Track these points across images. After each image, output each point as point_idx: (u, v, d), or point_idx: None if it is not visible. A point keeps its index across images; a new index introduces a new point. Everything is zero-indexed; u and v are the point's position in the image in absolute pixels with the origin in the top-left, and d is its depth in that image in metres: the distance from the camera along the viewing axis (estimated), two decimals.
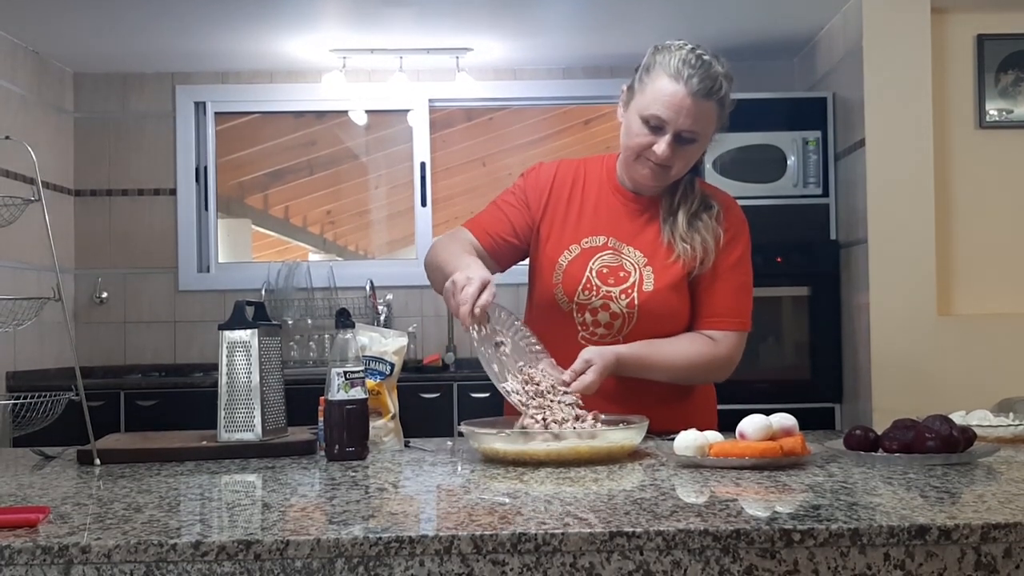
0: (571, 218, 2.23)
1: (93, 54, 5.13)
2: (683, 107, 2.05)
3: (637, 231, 2.20)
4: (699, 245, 2.16)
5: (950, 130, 4.34)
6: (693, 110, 2.06)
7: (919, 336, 4.20)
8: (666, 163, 2.10)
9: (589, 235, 2.21)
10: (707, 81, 2.05)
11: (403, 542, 1.22)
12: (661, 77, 2.07)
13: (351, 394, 1.91)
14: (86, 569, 1.21)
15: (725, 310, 2.19)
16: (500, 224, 2.26)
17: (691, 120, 2.06)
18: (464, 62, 5.23)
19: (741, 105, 4.97)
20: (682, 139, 2.09)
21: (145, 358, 5.39)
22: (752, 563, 1.23)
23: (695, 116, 2.06)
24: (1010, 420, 2.01)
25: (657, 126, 2.08)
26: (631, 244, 2.19)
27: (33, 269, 4.77)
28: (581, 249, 2.20)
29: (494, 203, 2.31)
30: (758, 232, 2.35)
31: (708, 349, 2.17)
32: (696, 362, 2.17)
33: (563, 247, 2.21)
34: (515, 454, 1.78)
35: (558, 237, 2.22)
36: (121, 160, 5.45)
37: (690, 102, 2.05)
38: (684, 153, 2.11)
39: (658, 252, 2.18)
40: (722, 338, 2.18)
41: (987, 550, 1.24)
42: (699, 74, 2.05)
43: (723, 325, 2.18)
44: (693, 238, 2.16)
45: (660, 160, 2.09)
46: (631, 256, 2.18)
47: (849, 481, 1.55)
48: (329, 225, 6.71)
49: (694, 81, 2.05)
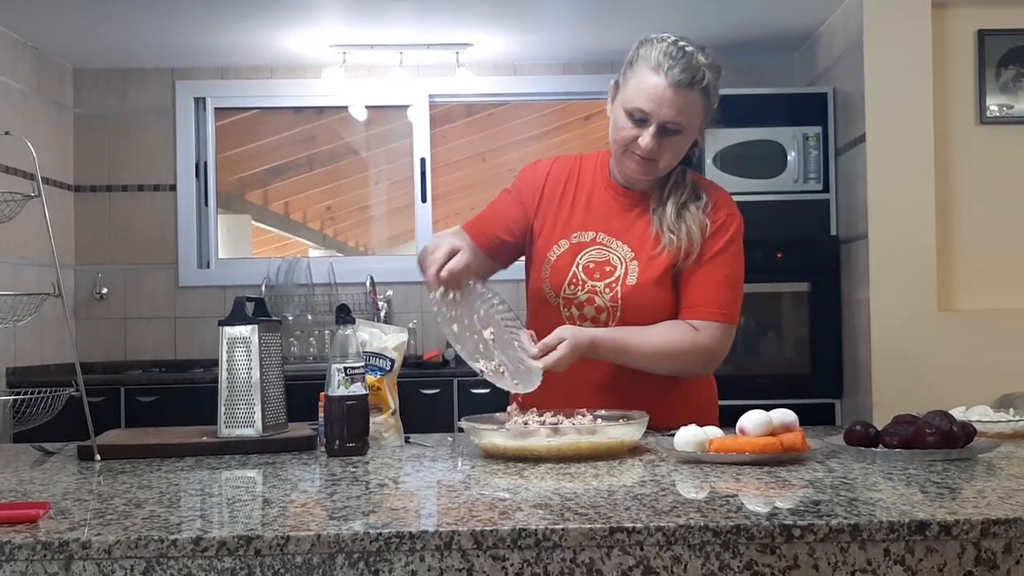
0: (563, 213, 2.25)
1: (93, 49, 5.13)
2: (664, 98, 2.06)
3: (627, 225, 2.21)
4: (684, 235, 2.15)
5: (950, 125, 4.33)
6: (675, 101, 2.07)
7: (919, 332, 4.20)
8: (652, 155, 2.11)
9: (579, 230, 2.22)
10: (688, 71, 2.06)
11: (403, 538, 1.22)
12: (643, 70, 2.09)
13: (351, 390, 1.91)
14: (86, 564, 1.21)
15: (707, 299, 2.16)
16: (494, 223, 2.28)
17: (674, 111, 2.07)
18: (464, 57, 5.23)
19: (741, 100, 4.94)
20: (667, 131, 2.09)
21: (145, 354, 5.39)
22: (752, 558, 1.23)
23: (678, 107, 2.07)
24: (1010, 416, 2.01)
25: (641, 119, 2.09)
26: (620, 239, 2.20)
27: (33, 265, 4.77)
28: (570, 244, 2.21)
29: (491, 203, 2.34)
30: (758, 228, 2.35)
31: (688, 337, 2.13)
32: (674, 349, 2.13)
33: (553, 242, 2.23)
34: (515, 450, 1.79)
35: (549, 232, 2.24)
36: (121, 156, 5.45)
37: (671, 93, 2.06)
38: (670, 145, 2.12)
39: (645, 245, 2.18)
40: (703, 327, 2.14)
41: (987, 545, 1.24)
42: (680, 64, 2.06)
43: (705, 315, 2.14)
44: (679, 228, 2.16)
45: (645, 153, 2.10)
46: (619, 251, 2.19)
47: (849, 477, 1.56)
48: (329, 221, 6.71)
49: (675, 71, 2.06)
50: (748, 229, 2.26)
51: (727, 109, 2.23)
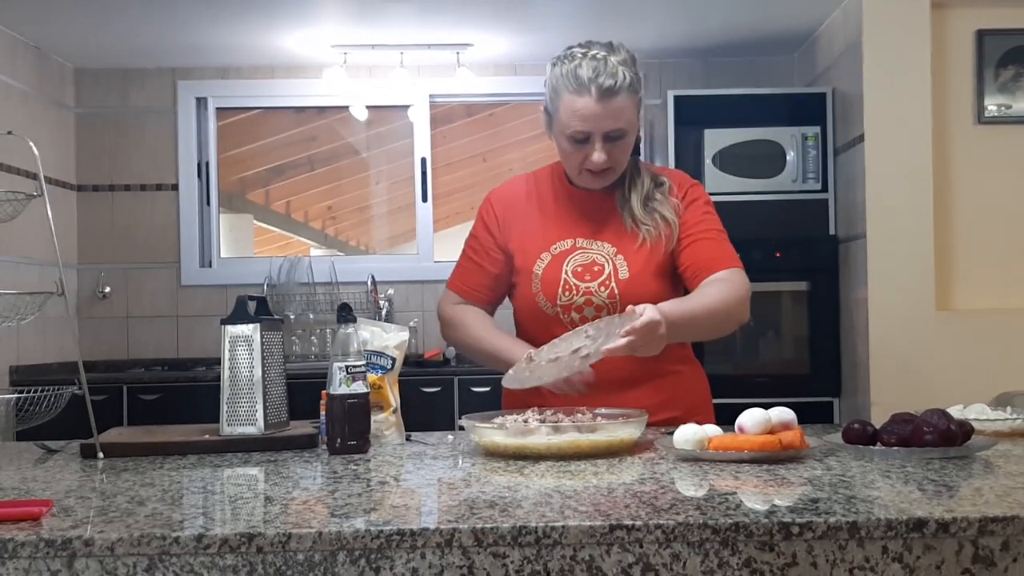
0: (534, 229, 2.28)
1: (94, 49, 5.13)
2: (597, 114, 2.11)
3: (600, 225, 2.26)
4: (660, 222, 2.22)
5: (949, 125, 4.33)
6: (608, 111, 2.11)
7: (917, 331, 4.21)
8: (606, 166, 2.17)
9: (557, 240, 2.26)
10: (609, 80, 2.10)
11: (404, 535, 1.23)
12: (567, 95, 2.13)
13: (353, 388, 1.92)
14: (89, 562, 1.22)
15: (719, 254, 2.21)
16: (478, 276, 2.33)
17: (611, 120, 2.12)
18: (464, 57, 5.23)
19: (741, 100, 4.96)
20: (611, 138, 2.15)
21: (147, 352, 5.40)
22: (751, 556, 1.24)
23: (613, 115, 2.12)
24: (1008, 414, 2.01)
25: (582, 140, 2.15)
26: (597, 239, 2.25)
27: (36, 264, 4.78)
28: (552, 256, 2.25)
29: (464, 254, 2.37)
30: (757, 227, 2.37)
31: (728, 288, 2.15)
32: (730, 301, 2.14)
33: (534, 257, 2.26)
34: (515, 448, 1.79)
35: (527, 249, 2.27)
36: (123, 155, 5.45)
37: (601, 107, 2.11)
38: (619, 149, 2.18)
39: (624, 240, 2.23)
40: (730, 275, 2.18)
41: (984, 543, 1.24)
42: (599, 78, 2.10)
43: (724, 264, 2.19)
44: (653, 218, 2.22)
45: (599, 167, 2.16)
46: (601, 250, 2.23)
47: (847, 475, 1.56)
48: (330, 220, 6.73)
49: (596, 87, 2.10)
50: (746, 229, 2.29)
51: (726, 109, 2.25)
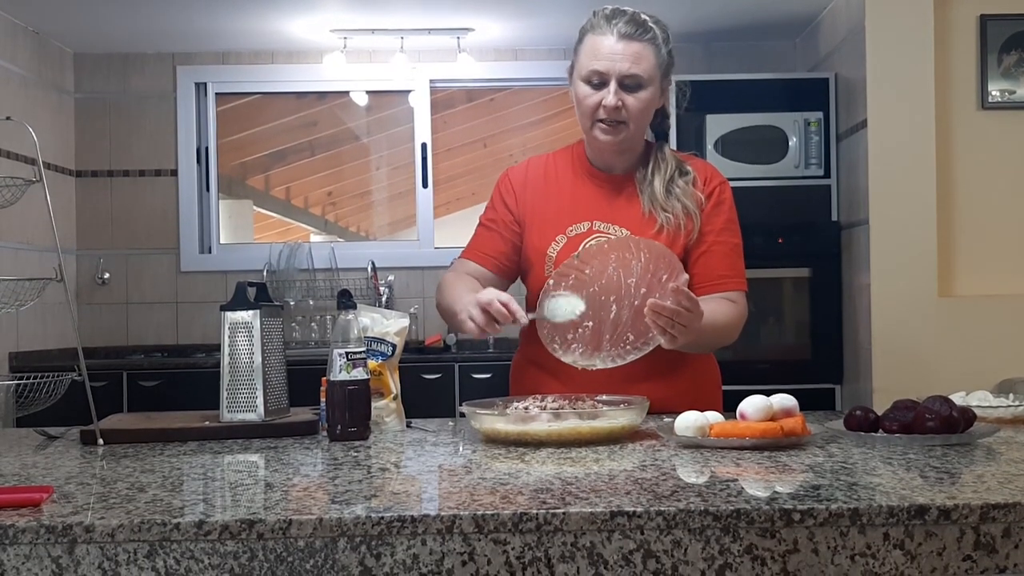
0: (551, 210, 2.25)
1: (93, 34, 5.12)
2: (615, 52, 2.11)
3: (618, 209, 2.23)
4: (681, 213, 2.19)
5: (952, 111, 4.32)
6: (627, 52, 2.11)
7: (920, 317, 4.20)
8: (619, 116, 2.13)
9: (573, 223, 2.23)
10: (632, 24, 2.12)
11: (405, 521, 1.22)
12: (589, 38, 2.16)
13: (353, 375, 1.91)
14: (90, 548, 1.22)
15: (730, 271, 2.21)
16: (495, 242, 2.29)
17: (628, 62, 2.11)
18: (465, 43, 5.22)
19: (743, 86, 4.95)
20: (627, 86, 2.13)
21: (147, 339, 5.40)
22: (752, 542, 1.23)
23: (631, 58, 2.11)
24: (1010, 401, 2.01)
25: (599, 82, 2.13)
26: (615, 223, 2.21)
27: (35, 250, 4.77)
28: (567, 238, 2.22)
29: (481, 224, 2.34)
30: (759, 213, 2.36)
31: (734, 311, 2.19)
32: (731, 324, 2.18)
33: (550, 239, 2.23)
34: (516, 434, 1.79)
35: (543, 230, 2.24)
36: (122, 141, 5.44)
37: (621, 46, 2.11)
38: (635, 101, 2.14)
39: (641, 225, 2.20)
40: (736, 297, 2.20)
41: (986, 530, 1.24)
42: (623, 19, 2.13)
43: (733, 285, 2.21)
44: (674, 206, 2.19)
45: (611, 111, 2.13)
46: (617, 234, 2.20)
47: (849, 461, 1.56)
48: (330, 206, 6.72)
49: (619, 26, 2.12)
50: (749, 214, 2.28)
51: (728, 94, 2.24)
